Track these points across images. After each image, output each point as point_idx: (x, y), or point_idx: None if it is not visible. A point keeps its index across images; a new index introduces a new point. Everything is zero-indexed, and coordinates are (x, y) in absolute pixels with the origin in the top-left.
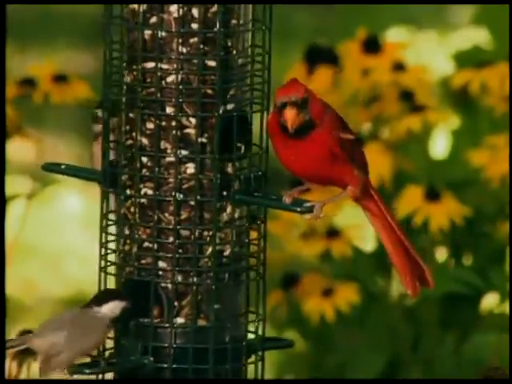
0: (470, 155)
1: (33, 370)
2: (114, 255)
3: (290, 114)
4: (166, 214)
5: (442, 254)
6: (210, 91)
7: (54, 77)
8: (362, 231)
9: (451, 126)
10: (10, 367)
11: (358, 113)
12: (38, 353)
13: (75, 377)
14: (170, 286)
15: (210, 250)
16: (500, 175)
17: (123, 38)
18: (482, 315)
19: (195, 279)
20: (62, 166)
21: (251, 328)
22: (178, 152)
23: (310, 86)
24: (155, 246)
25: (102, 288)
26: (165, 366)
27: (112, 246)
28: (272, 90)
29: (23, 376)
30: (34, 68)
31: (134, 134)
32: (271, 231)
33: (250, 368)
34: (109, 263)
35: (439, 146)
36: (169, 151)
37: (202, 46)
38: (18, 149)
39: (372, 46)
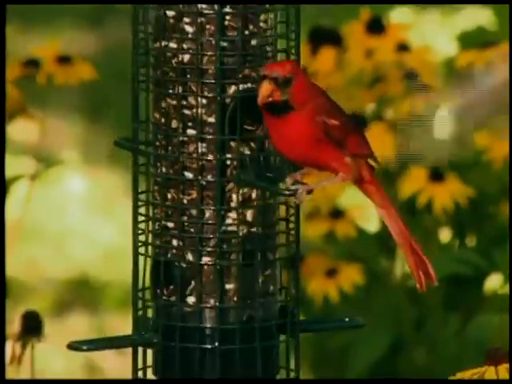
0: (474, 136)
1: (36, 351)
2: (143, 236)
3: (263, 87)
4: (179, 194)
5: (445, 235)
6: (218, 71)
7: (58, 58)
8: (366, 212)
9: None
10: (14, 348)
11: (362, 93)
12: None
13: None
14: (182, 265)
15: (221, 229)
16: (503, 156)
17: (144, 19)
18: (486, 296)
19: (206, 259)
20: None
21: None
22: (187, 131)
23: (313, 67)
24: (170, 225)
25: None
26: (172, 344)
27: (141, 226)
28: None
29: (26, 357)
30: (37, 49)
31: (154, 112)
32: None
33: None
34: (140, 243)
35: (443, 127)
36: (180, 130)
37: (208, 27)
38: (22, 130)
39: (376, 26)
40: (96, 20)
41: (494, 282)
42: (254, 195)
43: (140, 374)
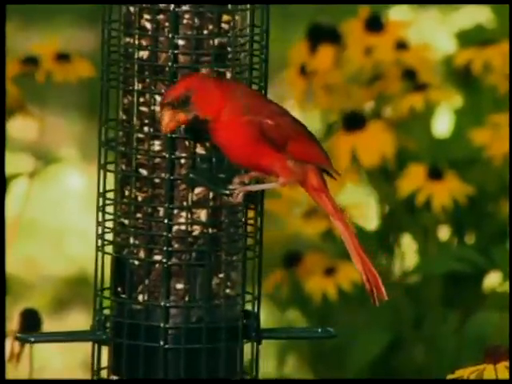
0: (473, 134)
1: (34, 348)
2: (110, 234)
3: (162, 117)
4: (134, 190)
5: (444, 233)
6: (173, 70)
7: (57, 55)
8: (365, 209)
9: (454, 104)
10: (13, 346)
11: (361, 91)
12: None
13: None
14: (135, 262)
15: (174, 229)
16: (503, 154)
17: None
18: (485, 294)
19: (157, 257)
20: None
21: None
22: (144, 128)
23: (312, 65)
24: (126, 222)
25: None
26: (120, 341)
27: (107, 224)
28: (269, 71)
29: (25, 355)
30: (36, 46)
31: (118, 109)
32: (273, 210)
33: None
34: (105, 242)
35: (442, 125)
36: (137, 128)
37: (166, 24)
38: (21, 127)
39: (375, 24)
40: (95, 18)
41: (492, 280)
42: (210, 195)
43: (102, 372)
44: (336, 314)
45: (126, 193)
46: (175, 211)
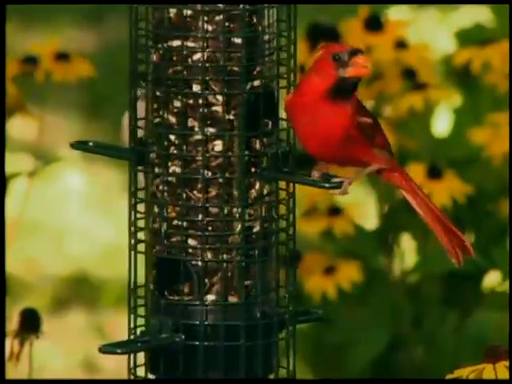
0: (472, 133)
1: (34, 348)
2: (142, 233)
3: (364, 59)
4: (195, 192)
5: None
6: (236, 68)
7: (56, 55)
8: (364, 209)
9: (453, 103)
10: (12, 345)
11: (361, 91)
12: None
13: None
14: (200, 263)
15: (239, 226)
16: (502, 153)
17: (148, 16)
18: (484, 293)
19: (225, 256)
20: (90, 144)
21: (282, 303)
22: (206, 130)
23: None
24: (185, 224)
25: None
26: (196, 343)
27: (140, 224)
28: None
29: (25, 355)
30: (36, 46)
31: (161, 112)
32: None
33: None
34: (134, 241)
35: (441, 124)
36: (196, 129)
37: (227, 24)
38: (20, 127)
39: (374, 23)
40: (95, 17)
41: (492, 280)
42: (265, 191)
43: (138, 372)
44: (336, 313)
45: (184, 195)
46: (240, 209)
